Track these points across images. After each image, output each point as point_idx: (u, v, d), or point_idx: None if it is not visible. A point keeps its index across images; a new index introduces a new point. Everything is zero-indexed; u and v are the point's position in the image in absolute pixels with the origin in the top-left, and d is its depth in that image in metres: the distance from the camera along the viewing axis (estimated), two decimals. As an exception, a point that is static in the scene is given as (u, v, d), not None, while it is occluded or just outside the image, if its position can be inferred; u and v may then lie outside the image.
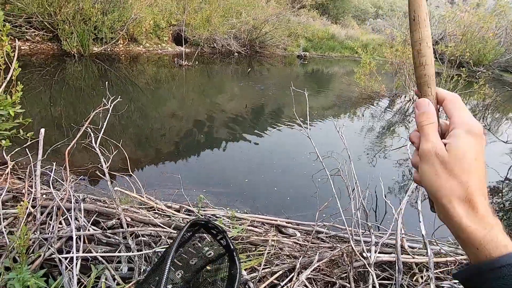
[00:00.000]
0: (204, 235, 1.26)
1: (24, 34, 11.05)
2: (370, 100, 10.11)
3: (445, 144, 0.54)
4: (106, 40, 12.34)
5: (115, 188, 2.76)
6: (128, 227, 2.36)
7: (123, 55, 13.32)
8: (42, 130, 2.90)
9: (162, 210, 2.93)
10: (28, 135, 3.65)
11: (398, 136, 7.01)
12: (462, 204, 0.50)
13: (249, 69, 14.05)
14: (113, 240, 2.28)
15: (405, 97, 10.16)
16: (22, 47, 11.23)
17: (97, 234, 2.28)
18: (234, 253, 1.12)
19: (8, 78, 3.24)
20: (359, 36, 25.68)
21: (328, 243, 2.68)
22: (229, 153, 5.11)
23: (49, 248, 2.03)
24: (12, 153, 3.15)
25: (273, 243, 2.46)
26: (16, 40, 4.33)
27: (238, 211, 3.37)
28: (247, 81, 11.82)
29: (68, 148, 2.45)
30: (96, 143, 2.84)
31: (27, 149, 2.88)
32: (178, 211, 3.05)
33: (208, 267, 1.19)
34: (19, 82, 3.33)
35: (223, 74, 12.79)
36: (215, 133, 5.94)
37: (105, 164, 2.65)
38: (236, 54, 16.57)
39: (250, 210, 3.45)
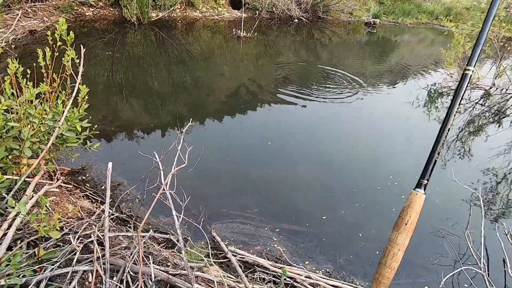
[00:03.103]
0: None
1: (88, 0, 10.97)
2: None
3: None
4: (165, 7, 11.84)
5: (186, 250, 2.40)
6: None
7: (179, 21, 12.80)
8: (110, 164, 2.58)
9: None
10: (95, 147, 3.43)
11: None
12: None
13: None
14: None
15: (506, 91, 8.29)
16: (87, 13, 11.27)
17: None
18: None
19: (73, 95, 2.92)
20: (441, -3, 21.64)
21: None
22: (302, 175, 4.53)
23: None
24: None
25: None
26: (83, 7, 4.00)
27: (320, 270, 2.88)
28: (308, 54, 10.67)
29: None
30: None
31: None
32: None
33: None
34: (85, 96, 3.01)
35: (288, 48, 11.66)
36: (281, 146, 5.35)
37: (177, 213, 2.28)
38: (296, 20, 15.02)
39: (333, 268, 2.93)
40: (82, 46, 2.95)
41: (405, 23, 18.73)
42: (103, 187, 3.45)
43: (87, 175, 3.58)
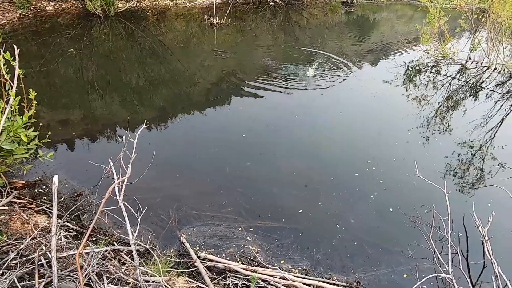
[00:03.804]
0: None
1: (45, -7, 10.22)
2: (433, 67, 8.41)
3: None
4: (131, -4, 11.18)
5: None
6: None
7: (149, 11, 12.16)
8: (55, 178, 2.33)
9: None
10: (48, 156, 3.16)
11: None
12: None
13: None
14: None
15: (481, 64, 8.27)
16: (47, 7, 10.52)
17: None
18: None
19: (11, 102, 2.62)
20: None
21: None
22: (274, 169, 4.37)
23: None
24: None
25: None
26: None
27: (297, 268, 2.76)
28: (291, 41, 10.36)
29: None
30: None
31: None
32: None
33: None
34: (32, 101, 2.72)
35: (264, 34, 11.29)
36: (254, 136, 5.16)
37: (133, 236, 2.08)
38: (272, 3, 14.58)
39: (310, 265, 2.82)
40: (15, 47, 2.63)
41: (382, 0, 18.50)
42: (62, 198, 3.20)
43: (44, 187, 3.31)
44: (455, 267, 2.67)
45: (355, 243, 3.08)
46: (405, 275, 2.81)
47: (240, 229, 3.12)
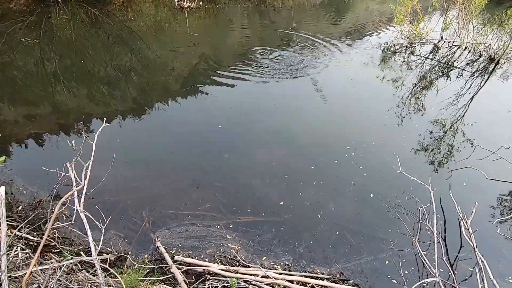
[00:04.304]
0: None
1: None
2: (408, 47, 8.44)
3: None
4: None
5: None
6: None
7: (114, -5, 11.33)
8: (2, 190, 2.07)
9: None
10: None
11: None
12: None
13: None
14: None
15: (453, 43, 8.38)
16: (-5, -8, 9.50)
17: None
18: None
19: None
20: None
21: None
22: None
23: None
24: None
25: None
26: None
27: (279, 264, 2.68)
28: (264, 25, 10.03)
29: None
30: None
31: None
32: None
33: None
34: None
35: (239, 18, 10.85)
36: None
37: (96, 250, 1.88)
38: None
39: (292, 259, 2.74)
40: None
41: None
42: (20, 207, 2.90)
43: (-2, 195, 2.98)
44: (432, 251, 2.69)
45: (337, 233, 3.03)
46: (387, 262, 2.81)
47: (219, 227, 2.98)
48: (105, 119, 3.02)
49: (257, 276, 2.42)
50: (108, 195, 3.25)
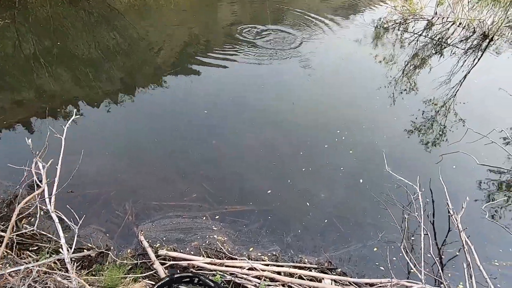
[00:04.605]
0: None
1: None
2: (401, 24, 8.17)
3: None
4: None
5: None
6: None
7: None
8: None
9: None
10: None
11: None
12: None
13: None
14: None
15: (447, 19, 8.13)
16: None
17: None
18: None
19: None
20: None
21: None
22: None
23: None
24: None
25: None
26: None
27: (266, 255, 2.63)
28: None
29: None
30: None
31: None
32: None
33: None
34: None
35: None
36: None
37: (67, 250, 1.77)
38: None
39: (280, 249, 2.70)
40: None
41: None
42: (-6, 204, 2.76)
43: (-30, 191, 2.83)
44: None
45: (326, 221, 2.99)
46: (375, 249, 2.79)
47: (204, 218, 2.90)
48: (74, 110, 2.82)
49: (244, 268, 2.38)
50: (89, 187, 3.13)
